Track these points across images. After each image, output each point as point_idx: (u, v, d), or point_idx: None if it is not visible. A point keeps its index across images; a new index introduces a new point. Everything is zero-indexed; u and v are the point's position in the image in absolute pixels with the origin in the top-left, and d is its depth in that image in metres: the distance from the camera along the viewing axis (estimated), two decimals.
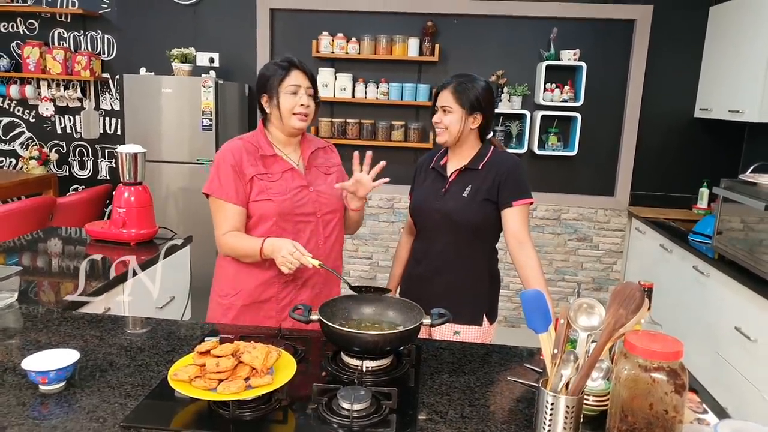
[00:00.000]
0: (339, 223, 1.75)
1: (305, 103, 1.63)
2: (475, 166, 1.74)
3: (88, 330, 1.48)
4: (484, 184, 1.71)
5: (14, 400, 1.13)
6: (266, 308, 1.67)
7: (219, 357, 1.12)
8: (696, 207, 3.55)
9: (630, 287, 1.03)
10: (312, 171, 1.73)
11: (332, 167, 1.78)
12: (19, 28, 4.01)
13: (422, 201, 1.80)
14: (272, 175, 1.65)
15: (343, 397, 1.10)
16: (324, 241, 1.70)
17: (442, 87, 1.74)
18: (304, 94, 1.64)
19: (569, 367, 1.04)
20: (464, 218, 1.71)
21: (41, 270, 2.03)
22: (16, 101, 4.10)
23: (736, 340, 2.37)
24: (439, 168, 1.80)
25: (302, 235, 1.66)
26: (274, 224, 1.64)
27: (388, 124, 3.74)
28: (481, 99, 1.71)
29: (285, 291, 1.67)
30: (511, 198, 1.70)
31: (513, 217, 1.70)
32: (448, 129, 1.72)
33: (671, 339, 1.00)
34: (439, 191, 1.76)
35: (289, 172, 1.67)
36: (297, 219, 1.65)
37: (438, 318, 1.34)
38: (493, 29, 3.67)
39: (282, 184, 1.65)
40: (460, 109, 1.71)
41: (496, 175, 1.71)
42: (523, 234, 1.70)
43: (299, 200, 1.65)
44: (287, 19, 3.80)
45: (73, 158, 4.17)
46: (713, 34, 3.43)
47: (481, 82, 1.73)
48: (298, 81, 1.63)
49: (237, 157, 1.63)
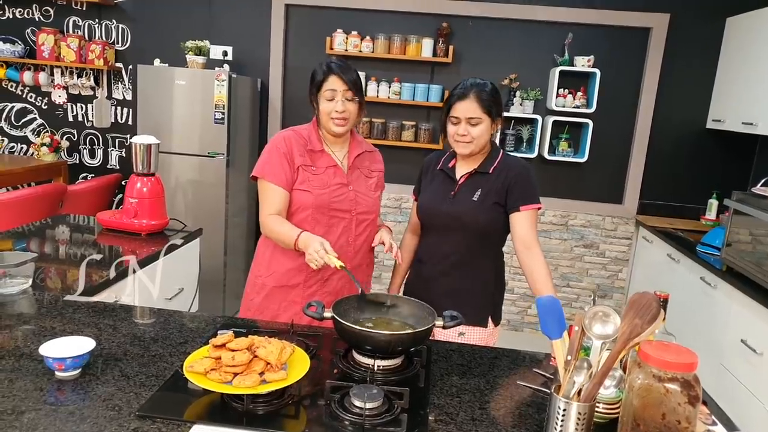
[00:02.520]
0: (372, 224, 1.80)
1: (340, 109, 1.67)
2: (485, 170, 1.73)
3: (102, 319, 1.49)
4: (494, 188, 1.71)
5: (31, 385, 1.14)
6: (294, 293, 1.75)
7: (234, 351, 1.13)
8: (704, 218, 3.54)
9: (646, 297, 1.03)
10: (355, 172, 1.79)
11: (374, 172, 1.85)
12: (35, 14, 4.03)
13: (431, 203, 1.79)
14: (316, 169, 1.72)
15: (356, 395, 1.11)
16: (355, 239, 1.76)
17: (461, 98, 1.68)
18: (340, 99, 1.67)
19: (582, 374, 1.04)
20: (474, 222, 1.71)
21: (53, 257, 2.04)
22: (29, 87, 4.12)
23: (741, 353, 2.37)
24: (447, 170, 1.79)
25: (335, 230, 1.72)
26: (310, 215, 1.71)
27: (399, 123, 3.75)
28: (499, 102, 1.71)
29: (312, 280, 1.74)
30: (519, 202, 1.69)
31: (521, 222, 1.70)
32: (475, 140, 1.68)
33: (686, 350, 1.00)
34: (448, 194, 1.75)
35: (333, 168, 1.74)
36: (332, 214, 1.71)
37: (450, 320, 1.35)
38: (507, 33, 3.67)
39: (324, 178, 1.72)
40: (488, 118, 1.68)
41: (505, 179, 1.70)
42: (531, 239, 1.69)
43: (337, 196, 1.71)
44: (302, 15, 3.80)
45: (83, 146, 4.19)
46: (729, 45, 3.42)
47: (490, 85, 1.72)
48: (335, 86, 1.67)
49: (288, 145, 1.72)
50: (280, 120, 3.90)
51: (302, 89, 3.88)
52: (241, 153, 3.68)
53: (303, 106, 3.89)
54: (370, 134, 3.76)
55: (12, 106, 4.18)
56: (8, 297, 1.59)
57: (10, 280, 1.64)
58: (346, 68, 1.69)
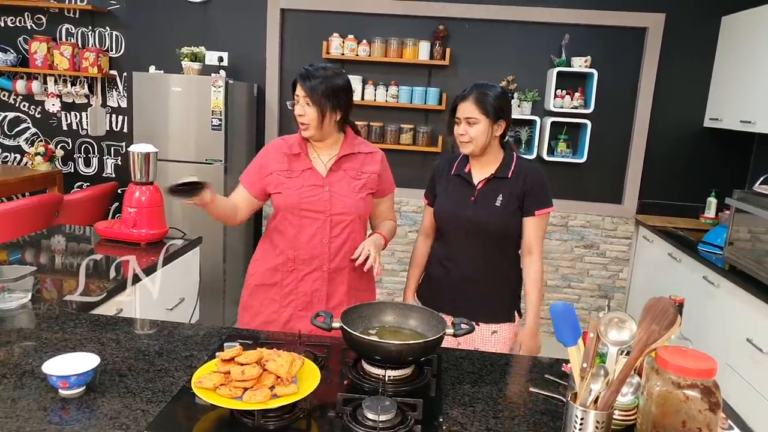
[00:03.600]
0: (351, 226, 1.77)
1: (297, 112, 1.72)
2: (504, 175, 1.76)
3: (104, 333, 1.47)
4: (514, 193, 1.75)
5: (35, 404, 1.11)
6: (272, 291, 1.81)
7: (244, 365, 1.10)
8: (703, 216, 3.54)
9: (663, 302, 1.02)
10: (338, 173, 1.78)
11: (365, 174, 1.81)
12: (27, 22, 3.99)
13: (451, 208, 1.81)
14: (292, 172, 1.77)
15: (369, 408, 1.09)
16: (330, 240, 1.76)
17: (462, 98, 1.74)
18: (300, 104, 1.71)
19: (599, 382, 1.03)
20: (498, 226, 1.75)
21: (52, 269, 2.01)
22: (22, 96, 4.08)
23: (747, 352, 2.36)
24: (464, 175, 1.81)
25: (307, 231, 1.76)
26: (282, 216, 1.79)
27: (397, 127, 3.73)
28: (503, 106, 1.73)
29: (287, 279, 1.80)
30: (534, 207, 1.75)
31: (531, 226, 1.77)
32: (473, 140, 1.72)
33: (704, 355, 0.99)
34: (468, 199, 1.78)
35: (309, 171, 1.77)
36: (303, 214, 1.75)
37: (461, 329, 1.33)
38: (504, 34, 3.66)
39: (298, 180, 1.76)
40: (485, 119, 1.72)
41: (524, 183, 1.75)
42: (536, 245, 1.77)
43: (307, 197, 1.74)
44: (298, 20, 3.78)
45: (78, 155, 4.14)
46: (725, 43, 3.43)
47: (498, 89, 1.76)
48: (298, 91, 1.71)
49: (266, 154, 1.82)
50: (277, 125, 3.88)
51: None
52: (238, 159, 3.65)
53: None
54: (368, 137, 3.74)
55: (5, 115, 4.13)
56: (7, 312, 1.56)
57: (9, 295, 1.60)
58: (311, 75, 1.69)
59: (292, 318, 1.80)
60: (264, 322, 1.82)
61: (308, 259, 1.76)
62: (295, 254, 1.77)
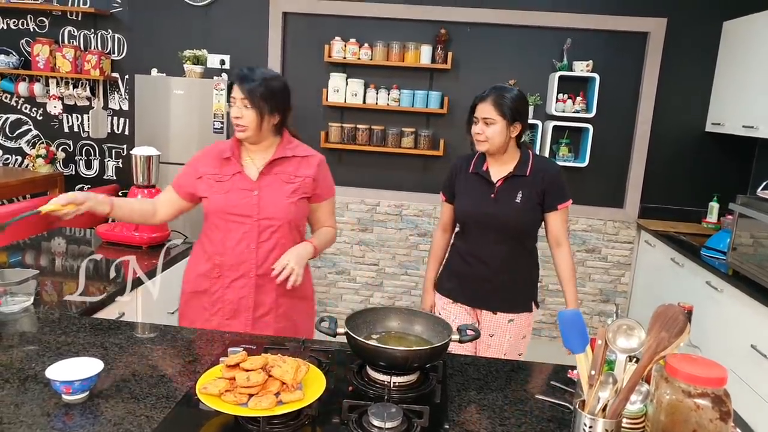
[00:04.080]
0: (281, 231, 1.72)
1: (235, 114, 1.69)
2: (522, 173, 1.84)
3: (107, 337, 1.46)
4: (534, 190, 1.83)
5: (38, 410, 1.10)
6: (203, 299, 1.78)
7: (249, 371, 1.09)
8: (705, 221, 3.54)
9: (672, 310, 1.01)
10: (269, 177, 1.74)
11: (297, 178, 1.75)
12: (29, 25, 3.99)
13: (472, 205, 1.90)
14: (222, 176, 1.74)
15: (375, 414, 1.08)
16: (258, 245, 1.71)
17: (481, 99, 1.82)
18: (237, 106, 1.68)
19: (607, 390, 1.02)
20: (519, 223, 1.84)
21: (53, 272, 2.00)
22: (24, 99, 4.07)
23: (751, 358, 2.35)
24: (483, 173, 1.88)
25: (233, 235, 1.73)
26: (210, 220, 1.77)
27: (399, 130, 3.73)
28: (519, 108, 1.81)
29: (215, 286, 1.77)
30: (556, 202, 1.84)
31: (555, 220, 1.87)
32: (489, 140, 1.80)
33: (714, 363, 0.98)
34: (488, 196, 1.86)
35: (238, 174, 1.74)
36: (229, 218, 1.72)
37: (467, 335, 1.32)
38: (506, 38, 3.66)
39: (226, 184, 1.73)
40: (502, 120, 1.79)
41: (542, 180, 1.83)
42: (563, 236, 1.89)
43: (234, 201, 1.71)
44: (300, 23, 3.78)
45: (79, 157, 4.14)
46: (726, 48, 3.43)
47: (515, 92, 1.82)
48: (236, 94, 1.68)
49: (201, 157, 1.80)
50: None
51: (300, 97, 3.85)
52: None
53: (301, 113, 3.86)
54: (370, 141, 3.74)
55: (6, 117, 4.12)
56: (10, 315, 1.55)
57: (12, 298, 1.59)
58: (249, 78, 1.67)
59: (219, 327, 1.73)
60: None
61: (235, 265, 1.71)
62: (222, 260, 1.72)
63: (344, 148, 3.77)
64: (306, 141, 1.92)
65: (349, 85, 3.69)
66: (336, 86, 3.67)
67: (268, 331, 1.74)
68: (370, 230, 3.89)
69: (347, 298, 3.99)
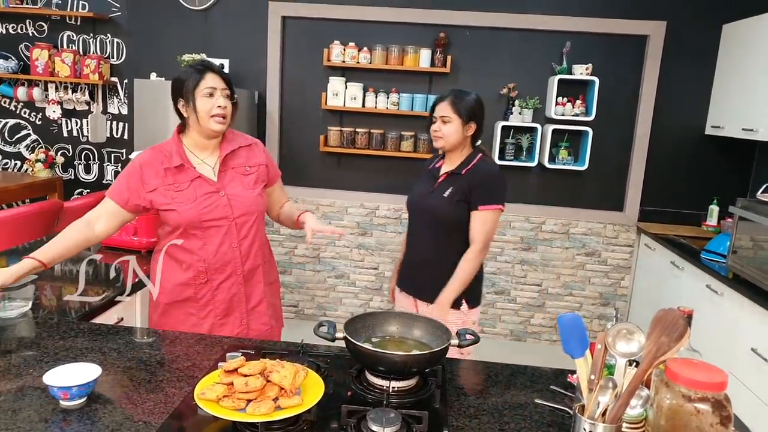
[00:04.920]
0: (256, 224, 1.75)
1: (222, 104, 1.64)
2: (459, 171, 1.98)
3: (105, 342, 1.45)
4: (461, 187, 1.95)
5: (36, 416, 1.10)
6: (187, 306, 1.74)
7: (247, 376, 1.09)
8: (705, 224, 3.54)
9: (672, 314, 1.01)
10: (227, 173, 1.71)
11: (253, 167, 1.76)
12: (29, 29, 3.99)
13: (415, 198, 2.10)
14: (179, 185, 1.67)
15: (374, 420, 1.08)
16: (239, 243, 1.72)
17: (440, 99, 1.98)
18: (220, 96, 1.64)
19: (607, 394, 1.01)
20: (442, 216, 1.98)
21: (52, 277, 1.99)
22: (23, 103, 4.08)
23: (751, 362, 2.35)
24: (434, 170, 2.07)
25: (213, 240, 1.68)
26: (184, 231, 1.68)
27: (398, 134, 3.73)
28: (475, 110, 1.96)
29: (202, 291, 1.73)
30: (479, 202, 1.93)
31: (475, 220, 1.95)
32: (444, 137, 1.96)
33: (715, 368, 0.98)
34: (429, 190, 2.02)
35: (198, 179, 1.68)
36: (206, 225, 1.67)
37: (466, 340, 1.32)
38: (505, 42, 3.67)
39: (189, 192, 1.66)
40: (458, 119, 1.94)
41: (471, 180, 1.94)
42: (477, 237, 1.94)
43: (206, 207, 1.66)
44: (299, 27, 3.79)
45: (78, 162, 4.14)
46: (726, 51, 3.43)
47: (473, 95, 1.98)
48: (214, 83, 1.64)
49: (145, 169, 1.67)
50: (278, 132, 3.88)
51: (299, 101, 3.87)
52: None
53: (300, 117, 3.86)
54: (369, 145, 3.74)
55: (5, 122, 4.13)
56: (8, 321, 1.55)
57: (10, 303, 1.59)
58: (219, 67, 1.68)
59: (213, 327, 1.73)
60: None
61: (221, 267, 1.70)
62: (207, 266, 1.69)
63: (343, 152, 3.77)
64: (305, 145, 1.95)
65: (348, 89, 3.69)
66: (335, 90, 3.68)
67: (263, 319, 1.79)
68: (369, 234, 3.88)
69: (347, 302, 3.98)
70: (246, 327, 1.77)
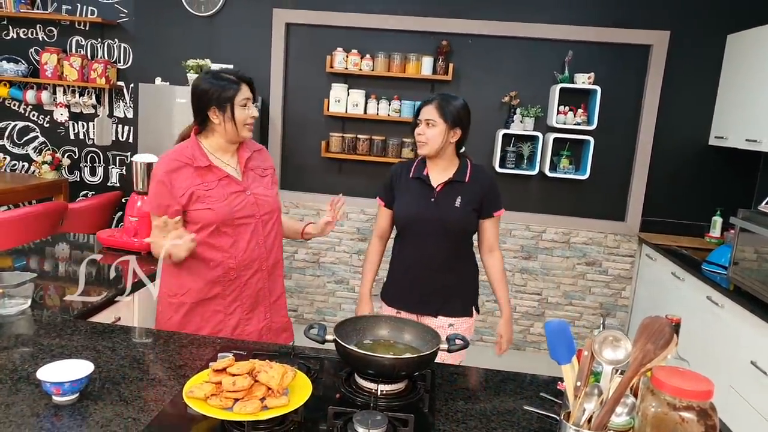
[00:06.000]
0: (277, 222, 1.85)
1: (255, 114, 1.75)
2: (461, 179, 1.92)
3: (101, 340, 1.47)
4: (472, 195, 1.91)
5: (28, 410, 1.11)
6: (213, 304, 1.78)
7: (235, 375, 1.10)
8: (708, 235, 3.52)
9: (658, 322, 1.01)
10: (249, 174, 1.80)
11: (267, 170, 1.87)
12: (39, 34, 4.06)
13: (411, 209, 1.93)
14: (208, 184, 1.72)
15: (359, 422, 1.08)
16: (264, 240, 1.80)
17: (426, 103, 1.90)
18: (252, 107, 1.74)
19: (593, 401, 1.01)
20: (457, 225, 1.91)
21: (54, 277, 2.02)
22: (32, 106, 4.14)
23: (751, 375, 2.33)
24: (424, 178, 1.93)
25: (243, 236, 1.75)
26: (216, 229, 1.73)
27: (399, 140, 3.75)
28: (461, 115, 1.88)
29: (230, 288, 1.77)
30: (492, 209, 1.94)
31: (490, 227, 1.97)
32: (429, 141, 1.87)
33: (701, 377, 0.97)
34: (428, 200, 1.91)
35: (226, 179, 1.74)
36: (237, 222, 1.74)
37: (455, 344, 1.32)
38: (507, 50, 3.68)
39: (219, 191, 1.73)
40: (443, 123, 1.86)
41: (481, 187, 1.92)
42: (495, 243, 1.99)
43: (236, 205, 1.73)
44: (302, 34, 3.83)
45: (84, 164, 4.18)
46: (730, 62, 3.43)
47: (460, 101, 1.91)
48: (248, 94, 1.73)
49: (173, 175, 1.70)
50: (281, 138, 3.91)
51: (302, 107, 3.90)
52: None
53: (304, 123, 3.89)
54: (371, 151, 3.76)
55: (14, 124, 4.19)
56: (7, 318, 1.57)
57: (9, 301, 1.61)
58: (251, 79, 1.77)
59: (240, 323, 1.79)
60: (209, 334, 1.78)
61: (249, 263, 1.77)
62: (237, 262, 1.74)
63: (345, 157, 3.79)
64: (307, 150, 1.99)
65: (350, 96, 3.72)
66: (337, 96, 3.71)
67: (282, 312, 1.89)
68: (369, 240, 3.89)
69: (346, 307, 3.98)
70: (269, 320, 1.85)
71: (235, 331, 1.79)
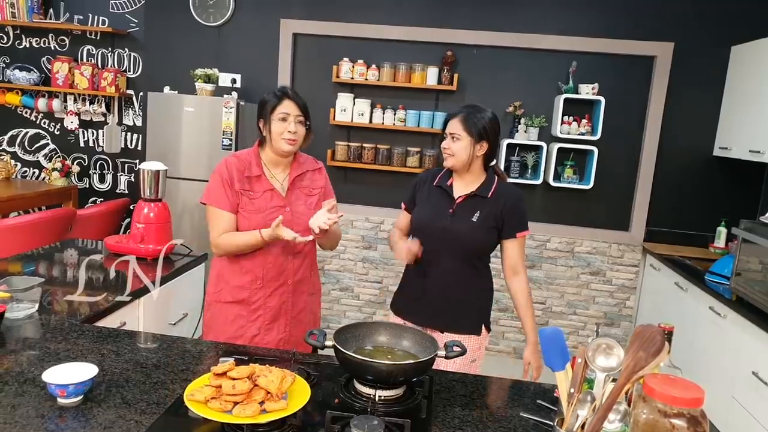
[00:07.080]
0: (311, 241, 1.84)
1: (292, 129, 1.78)
2: (483, 194, 1.84)
3: (106, 344, 1.50)
4: (492, 212, 1.83)
5: (33, 411, 1.14)
6: (238, 308, 1.86)
7: (235, 379, 1.12)
8: (713, 246, 3.51)
9: (650, 330, 1.02)
10: (294, 192, 1.87)
11: (316, 189, 1.92)
12: (51, 43, 4.14)
13: (429, 218, 1.87)
14: (254, 193, 1.82)
15: (356, 426, 1.10)
16: (294, 256, 1.87)
17: (452, 116, 1.86)
18: (293, 122, 1.79)
19: (586, 408, 1.03)
20: (472, 241, 1.83)
21: (62, 282, 2.06)
22: (43, 114, 4.21)
23: (753, 386, 2.32)
24: (446, 188, 1.88)
25: (274, 250, 1.83)
26: None
27: (404, 150, 3.78)
28: (488, 128, 1.82)
29: (256, 296, 1.85)
30: (516, 230, 1.85)
31: (514, 248, 1.87)
32: (455, 155, 1.82)
33: (692, 384, 0.98)
34: (446, 211, 1.85)
35: (270, 192, 1.83)
36: None
37: (453, 351, 1.34)
38: (512, 61, 3.72)
39: (260, 202, 1.81)
40: (468, 137, 1.81)
41: (504, 205, 1.83)
42: (520, 264, 1.88)
43: (272, 219, 1.76)
44: (309, 44, 3.88)
45: (93, 171, 4.25)
46: (735, 73, 3.44)
47: (488, 113, 1.84)
48: (289, 110, 1.79)
49: (230, 171, 1.82)
50: None
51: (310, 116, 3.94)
52: None
53: None
54: (376, 160, 3.79)
55: (26, 131, 4.27)
56: (15, 322, 1.60)
57: (17, 305, 1.65)
58: (298, 95, 1.82)
59: (260, 331, 1.85)
60: (230, 338, 1.85)
61: (276, 276, 1.84)
62: (264, 272, 1.83)
63: (350, 166, 3.83)
64: None
65: (356, 105, 3.76)
66: (343, 106, 3.75)
67: (302, 327, 1.91)
68: (374, 248, 3.92)
69: (350, 315, 4.00)
70: (288, 334, 1.89)
71: (254, 338, 1.83)
